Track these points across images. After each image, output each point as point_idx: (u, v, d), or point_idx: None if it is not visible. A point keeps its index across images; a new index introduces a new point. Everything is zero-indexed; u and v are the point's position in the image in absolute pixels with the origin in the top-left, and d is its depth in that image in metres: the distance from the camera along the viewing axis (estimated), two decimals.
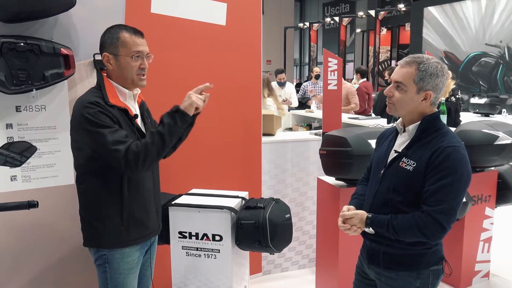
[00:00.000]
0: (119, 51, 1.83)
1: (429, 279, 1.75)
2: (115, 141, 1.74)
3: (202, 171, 3.08)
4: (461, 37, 11.30)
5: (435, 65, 1.69)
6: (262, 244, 2.34)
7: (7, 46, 2.13)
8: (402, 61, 1.74)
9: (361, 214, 1.78)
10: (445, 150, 1.63)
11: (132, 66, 1.85)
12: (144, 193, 1.94)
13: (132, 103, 1.96)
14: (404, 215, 1.69)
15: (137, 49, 1.85)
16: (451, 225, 1.64)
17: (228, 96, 3.16)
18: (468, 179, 1.66)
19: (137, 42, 1.86)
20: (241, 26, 3.16)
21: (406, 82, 1.70)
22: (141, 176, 1.91)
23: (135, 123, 1.90)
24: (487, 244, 3.47)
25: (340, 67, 3.48)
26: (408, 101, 1.71)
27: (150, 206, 1.98)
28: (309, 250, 3.79)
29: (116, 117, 1.81)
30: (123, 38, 1.84)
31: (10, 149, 1.90)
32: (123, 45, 1.83)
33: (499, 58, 10.43)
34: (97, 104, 1.77)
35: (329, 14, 20.72)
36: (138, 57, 1.86)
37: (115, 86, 1.89)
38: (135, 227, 1.90)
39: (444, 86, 1.72)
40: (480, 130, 3.25)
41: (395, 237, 1.70)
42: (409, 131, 1.76)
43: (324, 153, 2.98)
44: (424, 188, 1.66)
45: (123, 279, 1.94)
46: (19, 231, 2.42)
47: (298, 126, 6.65)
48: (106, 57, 1.85)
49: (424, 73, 1.67)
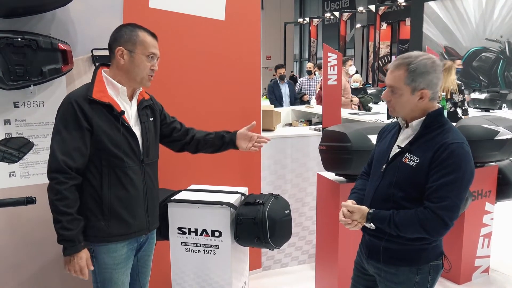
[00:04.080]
0: (136, 48, 1.87)
1: (428, 274, 1.75)
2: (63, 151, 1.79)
3: (201, 167, 3.07)
4: (462, 32, 11.28)
5: (424, 62, 1.66)
6: (262, 240, 2.33)
7: (4, 41, 2.12)
8: (391, 65, 1.73)
9: (362, 209, 1.78)
10: (449, 147, 1.62)
11: (145, 65, 1.90)
12: (130, 192, 1.92)
13: (126, 100, 1.94)
14: (406, 211, 1.68)
15: (154, 51, 1.91)
16: (453, 221, 1.64)
17: (227, 92, 3.15)
18: (471, 176, 1.66)
19: (155, 44, 1.93)
20: (240, 21, 3.14)
21: (398, 85, 1.69)
22: (126, 175, 1.90)
23: (122, 119, 1.88)
24: (487, 239, 3.47)
25: (340, 62, 3.47)
26: (406, 102, 1.71)
27: (136, 205, 1.95)
28: (309, 245, 3.79)
29: (92, 117, 1.82)
30: (142, 37, 1.89)
31: (7, 145, 1.90)
32: (141, 44, 1.88)
33: (500, 53, 10.42)
34: (73, 106, 1.81)
35: (329, 9, 20.66)
36: (152, 58, 1.91)
37: (108, 80, 1.90)
38: (117, 223, 1.89)
39: (440, 81, 1.70)
40: (480, 125, 3.24)
41: (397, 232, 1.69)
42: (413, 127, 1.75)
43: (323, 149, 2.98)
44: (428, 184, 1.65)
45: (110, 274, 1.94)
46: (17, 227, 2.41)
47: (298, 121, 6.64)
48: (120, 51, 1.87)
49: (414, 74, 1.66)
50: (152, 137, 2.04)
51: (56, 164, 1.78)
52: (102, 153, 1.84)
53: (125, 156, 1.88)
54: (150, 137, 2.02)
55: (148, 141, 2.00)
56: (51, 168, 1.79)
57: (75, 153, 1.80)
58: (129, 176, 1.91)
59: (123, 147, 1.88)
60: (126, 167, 1.89)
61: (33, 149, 2.08)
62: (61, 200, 1.76)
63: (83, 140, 1.81)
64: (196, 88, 3.01)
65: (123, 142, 1.88)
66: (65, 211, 1.77)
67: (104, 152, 1.84)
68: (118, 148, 1.86)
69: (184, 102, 2.95)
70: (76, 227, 1.80)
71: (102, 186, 1.86)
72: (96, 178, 1.86)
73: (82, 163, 1.82)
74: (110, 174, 1.87)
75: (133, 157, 1.92)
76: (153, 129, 2.06)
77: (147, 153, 1.99)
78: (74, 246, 1.80)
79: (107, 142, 1.84)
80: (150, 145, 2.01)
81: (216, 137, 2.31)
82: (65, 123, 1.81)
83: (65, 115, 1.81)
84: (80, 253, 1.82)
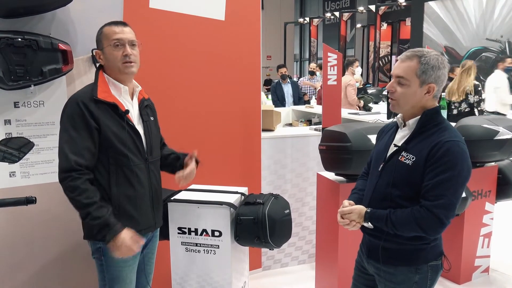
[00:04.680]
0: (103, 44, 1.92)
1: (428, 274, 1.75)
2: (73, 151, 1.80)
3: (202, 167, 3.06)
4: (462, 32, 11.26)
5: (436, 57, 1.68)
6: (262, 239, 2.33)
7: (4, 41, 2.12)
8: (403, 56, 1.73)
9: (359, 209, 1.78)
10: (444, 145, 1.62)
11: (115, 55, 1.90)
12: (137, 189, 1.95)
13: (128, 99, 1.98)
14: (403, 210, 1.68)
15: (116, 37, 1.90)
16: (450, 220, 1.64)
17: (227, 92, 3.15)
18: (468, 173, 1.65)
19: (116, 31, 1.91)
20: (240, 21, 3.14)
21: (408, 76, 1.68)
22: (133, 173, 1.93)
23: (126, 118, 1.91)
24: (487, 239, 3.48)
25: (340, 62, 3.47)
26: (411, 95, 1.70)
27: (143, 203, 1.98)
28: (309, 245, 3.79)
29: (98, 116, 1.83)
30: (105, 31, 1.92)
31: (8, 145, 1.90)
32: (105, 37, 1.91)
33: (500, 53, 10.39)
34: (79, 107, 1.82)
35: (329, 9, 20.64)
36: (119, 45, 1.90)
37: (110, 81, 1.93)
38: (125, 221, 1.90)
39: (446, 78, 1.72)
40: (480, 125, 3.24)
41: (394, 231, 1.69)
42: (409, 125, 1.76)
43: (323, 149, 2.98)
44: (424, 183, 1.65)
45: (119, 271, 1.96)
46: (18, 227, 2.41)
47: (298, 121, 6.64)
48: (98, 54, 1.94)
49: (426, 66, 1.66)
50: (154, 135, 2.07)
51: (67, 164, 1.79)
52: (109, 152, 1.87)
53: (131, 154, 1.91)
54: (152, 136, 2.05)
55: (151, 139, 2.04)
56: (63, 168, 1.80)
57: (86, 152, 1.82)
58: (136, 174, 1.94)
59: (129, 146, 1.91)
60: (133, 165, 1.92)
61: (34, 149, 2.09)
62: (81, 194, 1.78)
63: (92, 140, 1.83)
64: (196, 88, 3.01)
65: (129, 140, 1.91)
66: (88, 202, 1.78)
67: (111, 150, 1.87)
68: (125, 146, 1.89)
69: (183, 102, 2.96)
70: (106, 213, 1.80)
71: (111, 185, 1.88)
72: (104, 177, 1.88)
73: (92, 162, 1.85)
74: (117, 172, 1.89)
75: (139, 156, 1.95)
76: (154, 128, 2.09)
77: (151, 151, 2.03)
78: (111, 230, 1.79)
79: (115, 141, 1.87)
80: (153, 143, 2.05)
81: (175, 158, 2.27)
82: (73, 123, 1.82)
83: (72, 115, 1.83)
84: (121, 234, 1.80)
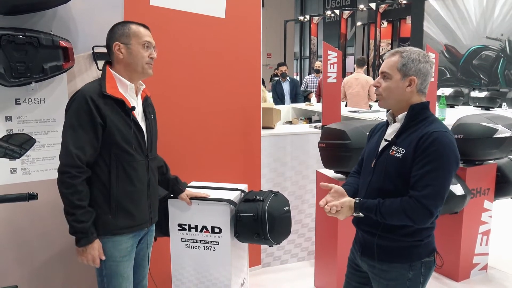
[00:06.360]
0: (131, 40, 1.94)
1: (421, 271, 1.77)
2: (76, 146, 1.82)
3: (202, 164, 3.09)
4: (462, 30, 11.25)
5: (417, 52, 1.76)
6: (261, 236, 2.35)
7: (6, 38, 2.12)
8: (387, 54, 1.83)
9: (348, 201, 1.79)
10: (431, 135, 1.65)
11: (143, 55, 1.95)
12: (136, 186, 1.98)
13: (134, 96, 2.01)
14: (392, 200, 1.70)
15: (148, 39, 1.98)
16: (438, 209, 1.66)
17: (227, 89, 3.16)
18: (455, 163, 1.67)
19: (148, 34, 2.00)
20: (240, 19, 3.15)
21: (390, 71, 1.76)
22: (134, 170, 1.95)
23: (132, 115, 1.93)
24: (485, 237, 3.49)
25: (340, 60, 3.47)
26: (394, 88, 1.76)
27: (140, 199, 2.01)
28: (308, 242, 3.80)
29: (106, 112, 1.85)
30: (135, 29, 1.96)
31: (9, 142, 1.91)
32: (135, 35, 1.94)
33: (500, 51, 10.39)
34: (87, 102, 1.84)
35: (329, 7, 20.60)
36: (148, 47, 1.96)
37: (117, 77, 1.95)
38: (123, 217, 1.94)
39: (429, 73, 1.77)
40: (479, 123, 3.24)
41: (383, 221, 1.71)
42: (399, 120, 1.80)
43: (323, 146, 2.99)
44: (412, 173, 1.67)
45: (116, 266, 1.98)
46: (19, 223, 2.42)
47: (298, 119, 6.65)
48: (118, 47, 1.94)
49: (406, 60, 1.74)
50: (154, 133, 2.11)
51: (69, 158, 1.81)
52: (112, 148, 1.89)
53: (134, 151, 1.94)
54: (153, 133, 2.09)
55: (152, 137, 2.07)
56: (64, 161, 1.83)
57: (88, 147, 1.84)
58: (137, 171, 1.96)
59: (133, 142, 1.93)
60: (134, 161, 1.95)
61: (35, 145, 2.09)
62: (75, 194, 1.81)
63: (96, 135, 1.85)
64: (196, 85, 3.02)
65: (133, 137, 1.93)
66: (79, 204, 1.82)
67: (114, 146, 1.89)
68: (128, 143, 1.92)
69: (183, 99, 2.97)
70: (89, 219, 1.85)
71: (111, 181, 1.91)
72: (104, 173, 1.91)
73: (92, 157, 1.87)
74: (118, 168, 1.91)
75: (140, 152, 1.98)
76: (154, 126, 2.12)
77: (151, 148, 2.06)
78: (87, 238, 1.85)
79: (118, 137, 1.89)
80: (153, 141, 2.09)
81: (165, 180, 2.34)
82: (79, 118, 1.84)
83: (79, 109, 1.85)
84: (93, 244, 1.87)
